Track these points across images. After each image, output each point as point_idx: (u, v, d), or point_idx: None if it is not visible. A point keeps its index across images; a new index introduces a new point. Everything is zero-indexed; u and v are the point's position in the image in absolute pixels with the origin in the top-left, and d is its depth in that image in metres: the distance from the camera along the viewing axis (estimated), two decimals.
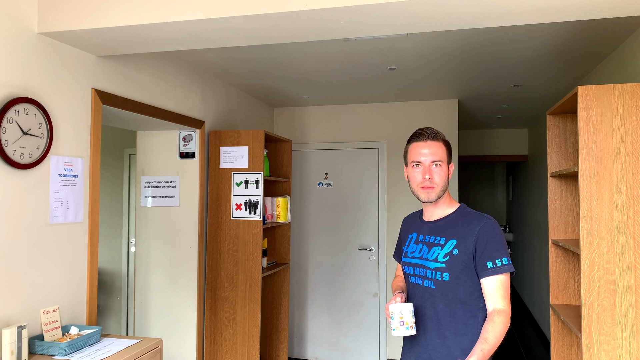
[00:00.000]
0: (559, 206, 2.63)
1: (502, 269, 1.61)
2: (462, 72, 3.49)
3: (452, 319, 1.69)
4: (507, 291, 1.62)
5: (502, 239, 1.65)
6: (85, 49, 2.35)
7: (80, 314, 2.36)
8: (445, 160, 1.74)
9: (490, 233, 1.65)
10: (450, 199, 1.80)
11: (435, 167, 1.72)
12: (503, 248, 1.64)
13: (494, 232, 1.65)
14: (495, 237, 1.64)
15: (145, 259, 3.56)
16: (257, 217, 3.42)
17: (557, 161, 2.64)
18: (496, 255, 1.62)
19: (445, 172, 1.74)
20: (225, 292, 3.48)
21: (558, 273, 2.60)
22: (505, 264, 1.62)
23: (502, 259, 1.62)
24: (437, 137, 1.75)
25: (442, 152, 1.74)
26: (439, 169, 1.72)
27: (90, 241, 2.41)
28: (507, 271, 1.62)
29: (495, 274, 1.61)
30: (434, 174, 1.72)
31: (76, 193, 2.32)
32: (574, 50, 2.98)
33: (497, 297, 1.61)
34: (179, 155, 3.49)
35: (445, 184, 1.74)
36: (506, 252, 1.64)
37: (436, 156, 1.72)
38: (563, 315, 2.32)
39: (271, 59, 3.21)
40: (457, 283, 1.67)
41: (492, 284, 1.62)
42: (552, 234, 2.63)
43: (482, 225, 1.67)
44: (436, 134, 1.75)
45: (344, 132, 4.78)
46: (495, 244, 1.63)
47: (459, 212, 1.76)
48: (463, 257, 1.66)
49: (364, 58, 3.17)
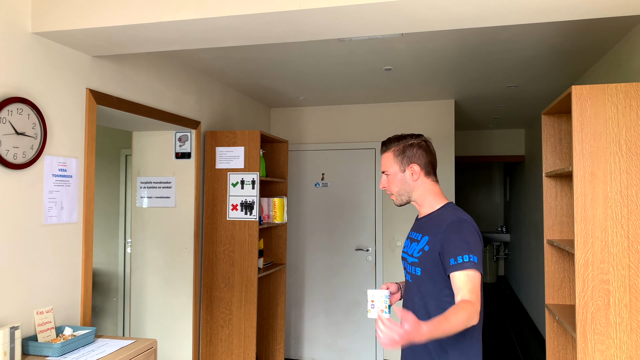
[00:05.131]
0: (554, 206, 2.63)
1: (466, 265, 1.58)
2: (458, 72, 3.50)
3: (425, 312, 1.71)
4: (475, 286, 1.58)
5: (468, 237, 1.63)
6: (79, 49, 2.35)
7: (75, 314, 2.35)
8: (392, 169, 1.79)
9: (456, 231, 1.65)
10: (436, 197, 1.80)
11: (386, 177, 1.81)
12: (467, 246, 1.61)
13: (460, 230, 1.65)
14: (460, 235, 1.64)
15: (141, 259, 3.55)
16: (253, 217, 3.42)
17: (552, 161, 2.64)
18: (458, 252, 1.61)
19: (397, 179, 1.78)
20: (221, 292, 3.47)
21: (553, 273, 2.60)
22: (468, 260, 1.59)
23: (465, 256, 1.59)
24: (386, 149, 1.81)
25: (389, 162, 1.79)
26: (389, 178, 1.80)
27: (85, 242, 2.40)
28: (472, 268, 1.58)
29: (461, 269, 1.59)
30: (388, 183, 1.81)
31: (70, 193, 2.32)
32: (569, 50, 2.98)
33: (464, 290, 1.57)
34: (175, 156, 3.49)
35: (403, 188, 1.79)
36: (471, 250, 1.61)
37: (384, 167, 1.81)
38: (558, 316, 2.32)
39: (267, 60, 3.21)
40: (428, 278, 1.70)
41: (459, 278, 1.59)
42: (548, 234, 2.63)
43: (449, 223, 1.67)
44: (386, 146, 1.81)
45: (340, 133, 4.78)
46: (460, 241, 1.62)
47: (439, 211, 1.77)
48: (432, 253, 1.68)
49: (359, 58, 3.17)
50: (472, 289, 1.57)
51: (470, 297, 1.55)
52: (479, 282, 1.60)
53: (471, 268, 1.58)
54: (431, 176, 1.80)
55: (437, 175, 4.48)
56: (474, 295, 1.56)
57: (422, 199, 1.79)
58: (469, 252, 1.60)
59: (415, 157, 1.77)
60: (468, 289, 1.57)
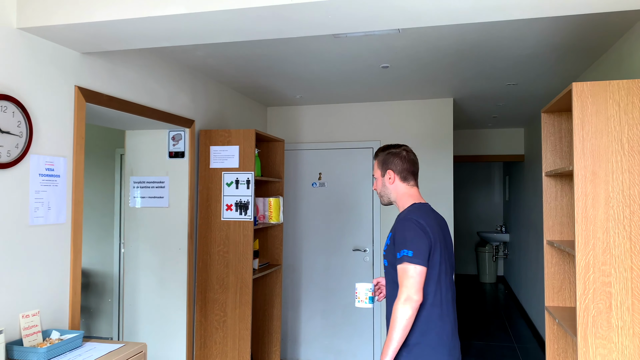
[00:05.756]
0: (554, 206, 2.58)
1: (403, 259, 1.83)
2: (456, 70, 3.44)
3: (391, 298, 1.97)
4: (408, 278, 1.81)
5: (407, 233, 1.86)
6: (67, 45, 2.29)
7: (63, 318, 2.29)
8: (377, 173, 2.11)
9: (400, 229, 1.89)
10: (408, 199, 2.04)
11: (375, 180, 2.13)
12: (404, 241, 1.85)
13: (402, 227, 1.89)
14: (401, 232, 1.88)
15: (134, 260, 3.49)
16: (247, 217, 3.36)
17: (552, 160, 2.59)
18: (399, 247, 1.85)
19: (380, 182, 2.09)
20: (216, 294, 3.41)
21: (553, 274, 2.55)
22: (405, 255, 1.82)
23: (402, 251, 1.84)
24: (376, 156, 2.13)
25: (375, 167, 2.12)
26: (376, 181, 2.12)
27: (73, 243, 2.34)
28: (406, 261, 1.81)
29: (399, 263, 1.84)
30: (375, 184, 2.14)
31: (58, 193, 2.26)
32: (570, 48, 2.92)
33: (401, 285, 1.83)
34: (168, 155, 3.43)
35: (383, 190, 2.09)
36: (406, 245, 1.84)
37: (374, 171, 2.14)
38: (558, 318, 2.27)
39: (262, 57, 3.15)
40: (393, 269, 1.94)
41: (398, 272, 1.85)
42: (547, 235, 2.57)
43: (397, 221, 1.95)
44: (376, 153, 2.13)
45: (337, 132, 4.72)
46: (400, 238, 1.87)
47: (403, 211, 2.01)
48: (392, 247, 1.94)
49: (356, 56, 3.11)
50: (406, 282, 1.81)
51: (401, 294, 1.81)
52: (416, 273, 1.81)
53: (405, 262, 1.82)
54: (408, 181, 2.05)
55: (436, 175, 4.43)
56: (405, 289, 1.80)
57: (397, 200, 2.07)
58: (405, 247, 1.84)
59: (392, 164, 2.05)
60: (402, 283, 1.82)
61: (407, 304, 1.78)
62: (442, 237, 1.95)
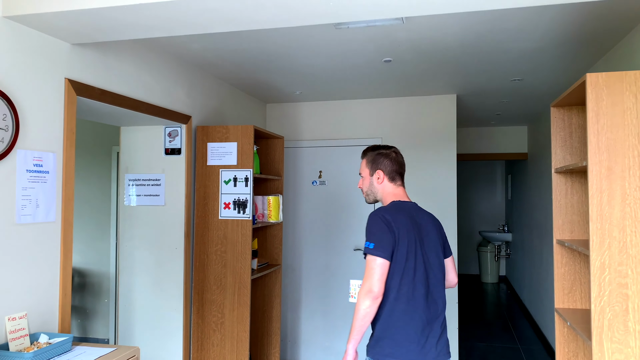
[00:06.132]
0: (564, 204, 2.48)
1: (365, 251, 1.93)
2: (460, 65, 3.34)
3: None
4: (369, 269, 1.90)
5: (370, 226, 1.95)
6: (56, 35, 2.19)
7: (52, 320, 2.20)
8: (364, 172, 2.16)
9: (367, 223, 1.99)
10: (392, 198, 2.11)
11: (362, 179, 2.19)
12: (367, 234, 1.95)
13: (369, 221, 1.97)
14: (368, 226, 1.97)
15: (130, 260, 3.39)
16: (246, 216, 3.26)
17: (561, 156, 2.49)
18: (366, 240, 1.96)
19: (367, 180, 2.15)
20: (213, 295, 3.31)
21: (563, 275, 2.45)
22: (365, 247, 1.93)
23: (365, 243, 1.94)
24: (363, 156, 2.19)
25: (363, 167, 2.18)
26: (363, 180, 2.18)
27: (64, 242, 2.24)
28: (367, 253, 1.91)
29: (364, 255, 1.94)
30: (362, 184, 2.19)
31: (47, 190, 2.16)
32: (577, 40, 2.83)
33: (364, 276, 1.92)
34: (164, 152, 3.33)
35: (370, 188, 2.15)
36: (368, 238, 1.93)
37: (360, 170, 2.20)
38: (570, 321, 2.17)
39: (261, 51, 3.05)
40: None
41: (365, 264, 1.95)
42: (557, 234, 2.47)
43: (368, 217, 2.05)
44: (364, 153, 2.19)
45: (338, 129, 4.63)
46: (366, 231, 1.97)
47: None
48: None
49: (358, 49, 3.01)
50: (367, 273, 1.90)
51: (363, 284, 1.90)
52: (376, 264, 1.89)
53: (366, 253, 1.92)
54: (395, 181, 2.13)
55: (439, 173, 4.33)
56: (368, 281, 1.89)
57: (383, 199, 2.13)
58: (368, 240, 1.93)
59: (382, 164, 2.12)
60: (365, 274, 1.91)
61: (365, 294, 1.87)
62: (416, 234, 1.98)
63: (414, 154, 4.41)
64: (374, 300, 1.86)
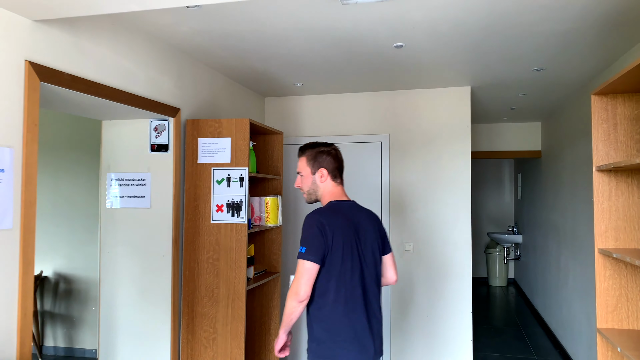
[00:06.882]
0: (607, 207, 2.14)
1: (298, 255, 1.92)
2: (479, 51, 3.00)
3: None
4: (299, 273, 1.90)
5: (304, 231, 1.94)
6: (14, 9, 1.85)
7: (8, 347, 1.86)
8: (305, 171, 2.12)
9: (303, 225, 1.97)
10: (331, 197, 2.09)
11: (300, 177, 2.14)
12: (302, 238, 1.94)
13: (304, 224, 1.97)
14: (303, 229, 1.96)
15: (112, 268, 3.06)
16: (241, 220, 2.93)
17: (604, 152, 2.15)
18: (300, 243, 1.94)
19: (308, 179, 2.11)
20: (204, 307, 2.98)
21: (607, 290, 2.11)
22: (299, 250, 1.92)
23: (300, 247, 1.93)
24: (302, 154, 2.14)
25: (302, 165, 2.13)
26: (302, 179, 2.14)
27: (23, 253, 1.91)
28: (298, 257, 1.91)
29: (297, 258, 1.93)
30: (302, 183, 2.14)
31: (2, 192, 1.83)
32: (617, 21, 2.48)
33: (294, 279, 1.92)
34: (150, 148, 3.00)
35: (312, 187, 2.11)
36: (302, 242, 1.93)
37: (300, 169, 2.15)
38: (620, 346, 1.83)
39: (255, 35, 2.71)
40: None
41: None
42: (600, 242, 2.14)
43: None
44: (302, 151, 2.14)
45: (342, 124, 4.29)
46: (301, 234, 1.95)
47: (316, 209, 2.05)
48: None
49: (366, 32, 2.67)
50: (296, 277, 1.91)
51: (292, 287, 1.91)
52: (304, 268, 1.90)
53: (299, 257, 1.92)
54: (336, 179, 2.12)
55: (452, 171, 4.00)
56: (296, 284, 1.90)
57: (323, 198, 2.11)
58: (301, 244, 1.93)
59: (325, 162, 2.09)
60: (295, 277, 1.91)
61: (292, 297, 1.90)
62: (353, 235, 1.98)
63: (424, 151, 4.07)
64: (299, 303, 1.90)
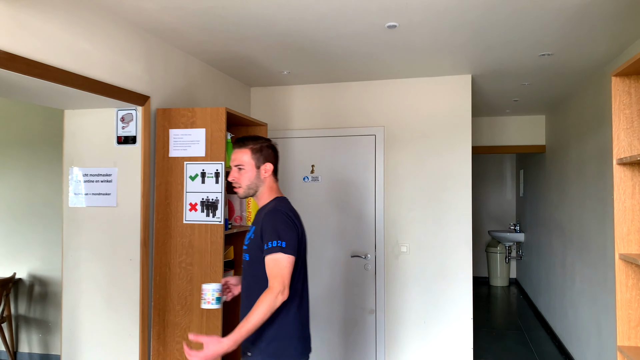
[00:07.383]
0: (630, 206, 1.85)
1: (273, 249, 1.82)
2: (481, 33, 2.70)
3: (253, 294, 1.89)
4: (280, 268, 1.81)
5: (277, 224, 1.86)
6: None
7: None
8: (247, 164, 1.98)
9: (270, 220, 1.88)
10: (271, 192, 2.02)
11: (238, 170, 2.00)
12: (276, 232, 1.85)
13: (274, 218, 1.88)
14: (270, 223, 1.87)
15: (75, 274, 2.77)
16: (216, 220, 2.64)
17: (627, 142, 1.86)
18: (269, 238, 1.85)
19: (251, 172, 1.99)
20: (177, 317, 2.69)
21: (629, 302, 1.82)
22: (276, 245, 1.82)
23: (273, 242, 1.83)
24: (243, 145, 2.00)
25: (242, 157, 1.99)
26: (242, 172, 1.99)
27: None
28: (278, 251, 1.82)
29: (269, 253, 1.84)
30: (240, 177, 1.99)
31: None
32: None
33: (270, 275, 1.82)
34: (117, 141, 2.71)
35: (254, 182, 1.99)
36: (279, 236, 1.83)
37: (239, 161, 1.99)
38: None
39: (232, 11, 2.42)
40: (255, 262, 1.93)
41: (267, 263, 1.84)
42: (621, 246, 1.85)
43: (266, 213, 1.93)
44: (243, 142, 2.00)
45: (334, 116, 3.99)
46: (271, 229, 1.86)
47: (268, 204, 1.99)
48: (257, 240, 1.92)
49: (356, 8, 2.37)
50: (277, 273, 1.81)
51: (272, 283, 1.80)
52: (287, 263, 1.82)
53: (277, 252, 1.82)
54: (276, 175, 2.07)
55: (451, 166, 3.71)
56: (275, 281, 1.80)
57: (262, 193, 2.03)
58: (277, 238, 1.84)
59: (270, 156, 2.03)
60: (273, 273, 1.81)
61: (278, 294, 1.78)
62: (303, 230, 1.99)
63: (422, 145, 3.78)
64: (283, 299, 1.81)
